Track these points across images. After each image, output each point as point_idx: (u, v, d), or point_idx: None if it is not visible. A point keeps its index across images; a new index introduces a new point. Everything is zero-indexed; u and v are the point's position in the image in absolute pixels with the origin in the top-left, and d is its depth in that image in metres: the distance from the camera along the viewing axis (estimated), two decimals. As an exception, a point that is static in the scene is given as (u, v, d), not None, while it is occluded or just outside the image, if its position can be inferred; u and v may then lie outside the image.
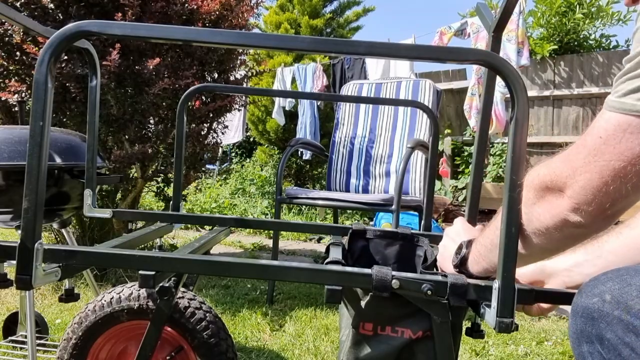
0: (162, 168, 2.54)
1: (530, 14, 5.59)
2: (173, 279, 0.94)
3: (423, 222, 1.48)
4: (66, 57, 2.05)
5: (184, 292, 1.05)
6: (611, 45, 5.57)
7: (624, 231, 0.71)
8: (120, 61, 2.02)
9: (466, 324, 0.80)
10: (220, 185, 6.29)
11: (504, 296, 0.65)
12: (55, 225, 1.62)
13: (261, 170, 6.23)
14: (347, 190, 2.56)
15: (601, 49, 5.51)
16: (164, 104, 2.28)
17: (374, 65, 5.05)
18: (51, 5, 2.11)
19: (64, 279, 0.81)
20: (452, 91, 5.72)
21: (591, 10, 5.30)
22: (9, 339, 1.57)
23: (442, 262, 0.83)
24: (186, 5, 2.28)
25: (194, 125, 2.47)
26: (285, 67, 5.59)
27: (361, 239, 1.07)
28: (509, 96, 0.65)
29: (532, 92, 5.29)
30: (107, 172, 2.02)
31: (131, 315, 1.03)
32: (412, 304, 0.73)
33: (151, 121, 2.39)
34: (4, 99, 2.06)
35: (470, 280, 0.71)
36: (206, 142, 2.62)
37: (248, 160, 7.62)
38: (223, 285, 2.41)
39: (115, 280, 2.36)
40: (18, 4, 2.06)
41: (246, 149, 8.65)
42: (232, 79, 2.73)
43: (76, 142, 1.38)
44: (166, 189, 2.71)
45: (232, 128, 5.98)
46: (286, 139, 5.89)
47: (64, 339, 1.06)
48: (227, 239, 3.56)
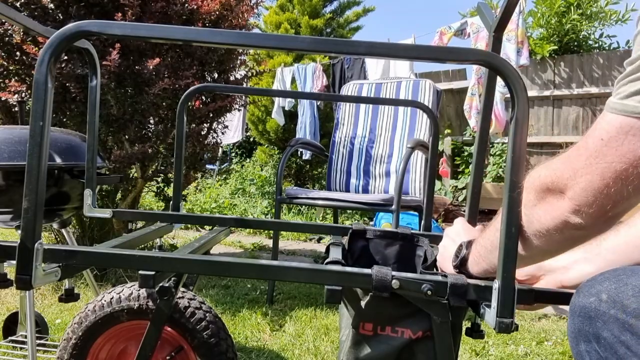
0: (162, 168, 2.54)
1: (530, 15, 5.59)
2: (173, 279, 0.95)
3: (423, 222, 1.48)
4: (66, 57, 2.05)
5: (184, 292, 1.05)
6: (611, 46, 5.58)
7: (622, 229, 0.72)
8: (120, 61, 2.02)
9: (466, 324, 0.80)
10: (220, 185, 6.29)
11: (504, 296, 0.65)
12: (55, 225, 1.62)
13: (261, 170, 6.23)
14: (347, 190, 2.56)
15: (601, 49, 5.51)
16: (164, 104, 2.28)
17: (373, 65, 5.05)
18: (51, 5, 2.11)
19: (63, 279, 0.81)
20: (452, 91, 5.72)
21: (591, 10, 5.30)
22: (9, 339, 1.57)
23: (442, 262, 0.83)
24: (186, 5, 2.28)
25: (194, 125, 2.47)
26: (285, 67, 5.59)
27: (361, 239, 1.07)
28: (508, 96, 0.65)
29: (532, 92, 5.29)
30: (107, 172, 2.02)
31: (131, 315, 1.03)
32: (412, 304, 0.73)
33: (151, 121, 2.39)
34: (4, 99, 2.06)
35: (470, 281, 0.71)
36: (206, 142, 2.62)
37: (248, 160, 7.62)
38: (223, 285, 2.41)
39: (115, 280, 2.36)
40: (18, 4, 2.06)
41: (246, 149, 8.65)
42: (232, 79, 2.73)
43: (76, 142, 1.38)
44: (166, 189, 2.71)
45: (232, 128, 5.98)
46: (286, 139, 5.90)
47: (64, 339, 1.06)
48: (227, 239, 3.56)
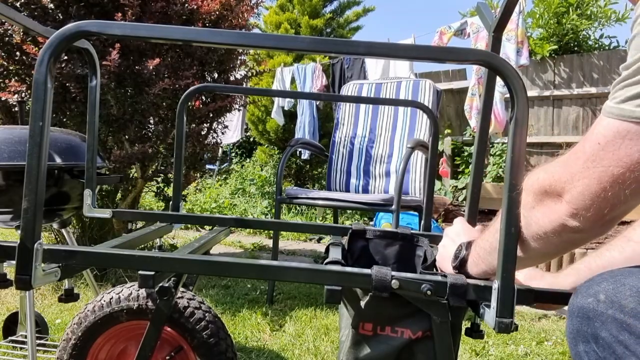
0: (162, 168, 2.54)
1: (530, 15, 5.59)
2: (173, 279, 0.95)
3: (423, 222, 1.48)
4: (66, 57, 2.05)
5: (184, 292, 1.05)
6: (611, 45, 5.57)
7: (605, 253, 0.76)
8: (120, 61, 2.02)
9: (466, 324, 0.80)
10: (220, 185, 6.29)
11: (504, 296, 0.65)
12: (55, 225, 1.62)
13: (261, 170, 6.23)
14: (347, 190, 2.56)
15: (601, 49, 5.50)
16: (164, 104, 2.28)
17: (373, 65, 5.04)
18: (51, 5, 2.11)
19: (63, 279, 0.81)
20: (452, 91, 5.71)
21: (590, 10, 5.30)
22: (9, 339, 1.57)
23: (442, 262, 0.83)
24: (186, 5, 2.28)
25: (194, 125, 2.47)
26: (285, 67, 5.59)
27: (361, 239, 1.07)
28: (508, 96, 0.65)
29: (532, 92, 5.29)
30: (107, 172, 2.02)
31: (131, 315, 1.03)
32: (412, 304, 0.73)
33: (151, 121, 2.39)
34: (4, 99, 2.06)
35: (469, 281, 0.71)
36: (206, 142, 2.62)
37: (248, 160, 7.62)
38: (223, 285, 2.41)
39: (115, 280, 2.36)
40: (18, 4, 2.06)
41: (246, 149, 8.65)
42: (232, 79, 2.73)
43: (76, 142, 1.38)
44: (166, 189, 2.71)
45: (231, 127, 5.98)
46: (286, 139, 5.90)
47: (64, 339, 1.06)
48: (227, 239, 3.56)
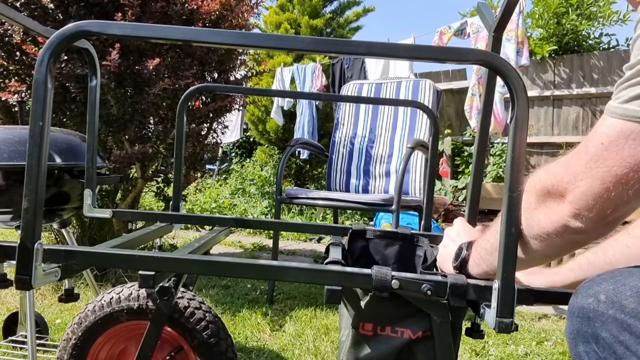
0: (162, 168, 2.54)
1: (530, 15, 5.59)
2: (173, 279, 0.94)
3: (423, 222, 1.48)
4: (66, 57, 2.05)
5: (184, 292, 1.05)
6: (610, 43, 5.57)
7: (607, 249, 0.75)
8: (120, 61, 2.02)
9: (466, 324, 0.80)
10: (220, 185, 6.29)
11: (504, 296, 0.65)
12: (55, 225, 1.62)
13: (261, 170, 6.23)
14: (347, 190, 2.56)
15: (601, 49, 5.50)
16: (164, 104, 2.28)
17: (373, 65, 5.04)
18: (51, 5, 2.11)
19: (63, 279, 0.81)
20: (452, 91, 5.72)
21: (591, 10, 5.29)
22: (9, 339, 1.57)
23: (442, 262, 0.83)
24: (186, 5, 2.28)
25: (194, 125, 2.47)
26: (285, 67, 5.59)
27: (361, 239, 1.07)
28: (508, 96, 0.65)
29: (532, 92, 5.29)
30: (107, 172, 2.02)
31: (131, 315, 1.03)
32: (412, 304, 0.73)
33: (151, 121, 2.39)
34: (4, 99, 2.06)
35: (470, 281, 0.71)
36: (206, 142, 2.62)
37: (248, 160, 7.62)
38: (223, 285, 2.41)
39: (115, 280, 2.36)
40: (18, 4, 2.06)
41: (246, 149, 8.65)
42: (232, 79, 2.73)
43: (76, 142, 1.38)
44: (166, 189, 2.71)
45: (230, 127, 5.97)
46: (286, 139, 5.90)
47: (64, 339, 1.06)
48: (227, 239, 3.56)
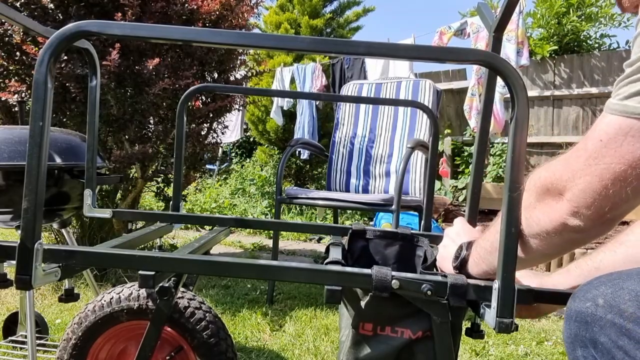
0: (162, 168, 2.54)
1: (530, 15, 5.58)
2: (173, 279, 0.94)
3: (423, 222, 1.48)
4: (66, 57, 2.05)
5: (184, 292, 1.05)
6: (611, 45, 5.57)
7: (596, 256, 0.74)
8: (120, 61, 2.02)
9: (466, 324, 0.80)
10: (220, 185, 6.29)
11: (504, 296, 0.65)
12: (55, 225, 1.62)
13: (261, 170, 6.23)
14: (347, 190, 2.56)
15: (601, 49, 5.50)
16: (164, 104, 2.28)
17: (373, 65, 5.04)
18: (51, 5, 2.11)
19: (63, 279, 0.81)
20: (452, 91, 5.71)
21: (592, 10, 5.29)
22: (9, 339, 1.57)
23: (442, 262, 0.83)
24: (186, 5, 2.28)
25: (194, 125, 2.47)
26: (285, 67, 5.59)
27: (361, 239, 1.07)
28: (507, 96, 0.65)
29: (532, 92, 5.29)
30: (107, 172, 2.02)
31: (131, 315, 1.03)
32: (412, 304, 0.73)
33: (151, 121, 2.39)
34: (4, 99, 2.06)
35: (470, 281, 0.71)
36: (206, 142, 2.62)
37: (248, 160, 7.62)
38: (223, 285, 2.41)
39: (115, 280, 2.36)
40: (18, 4, 2.06)
41: (246, 149, 8.65)
42: (232, 79, 2.73)
43: (76, 142, 1.38)
44: (166, 189, 2.71)
45: (230, 127, 5.96)
46: (286, 139, 5.89)
47: (64, 339, 1.06)
48: (227, 239, 3.56)
